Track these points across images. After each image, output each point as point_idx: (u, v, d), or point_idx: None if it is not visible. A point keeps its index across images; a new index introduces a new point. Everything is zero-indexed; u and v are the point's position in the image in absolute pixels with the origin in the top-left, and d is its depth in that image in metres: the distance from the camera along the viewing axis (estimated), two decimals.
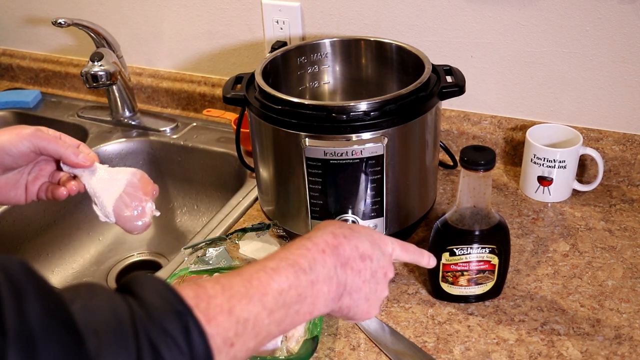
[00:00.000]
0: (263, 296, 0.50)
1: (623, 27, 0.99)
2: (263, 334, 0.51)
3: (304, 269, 0.55)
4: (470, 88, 1.11)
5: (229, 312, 0.48)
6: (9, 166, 0.73)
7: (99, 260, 1.29)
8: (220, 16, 1.30)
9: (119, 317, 0.41)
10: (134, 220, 0.75)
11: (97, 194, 0.75)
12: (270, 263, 0.54)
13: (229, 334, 0.47)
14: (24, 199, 0.77)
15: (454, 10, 1.09)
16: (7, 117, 1.51)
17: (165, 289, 0.45)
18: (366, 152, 0.84)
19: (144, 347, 0.41)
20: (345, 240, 0.60)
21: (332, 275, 0.57)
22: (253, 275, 0.52)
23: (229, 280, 0.50)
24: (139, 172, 0.78)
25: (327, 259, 0.57)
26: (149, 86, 1.45)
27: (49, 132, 0.74)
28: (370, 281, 0.61)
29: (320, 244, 0.58)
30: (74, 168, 0.75)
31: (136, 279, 0.46)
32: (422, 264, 0.70)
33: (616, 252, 0.94)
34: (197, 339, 0.44)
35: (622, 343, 0.79)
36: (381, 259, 0.63)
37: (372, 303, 0.62)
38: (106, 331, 0.40)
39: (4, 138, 0.71)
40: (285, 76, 1.04)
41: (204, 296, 0.47)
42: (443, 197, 1.09)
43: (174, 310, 0.44)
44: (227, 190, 1.26)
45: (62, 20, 1.22)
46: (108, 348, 0.39)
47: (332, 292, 0.57)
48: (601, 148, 1.07)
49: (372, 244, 0.62)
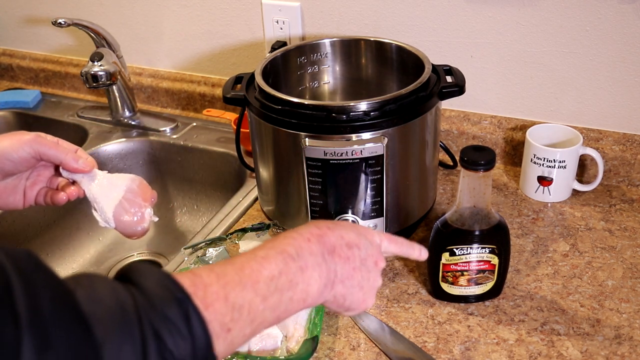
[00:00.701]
0: (255, 283, 0.52)
1: (623, 27, 0.99)
2: (259, 319, 0.52)
3: (292, 255, 0.56)
4: (470, 88, 1.11)
5: (225, 298, 0.49)
6: (9, 172, 0.74)
7: (99, 260, 1.29)
8: (220, 16, 1.30)
9: (123, 305, 0.42)
10: (133, 226, 0.77)
11: (96, 199, 0.76)
12: (260, 252, 0.56)
13: (226, 320, 0.48)
14: (22, 204, 0.78)
15: (454, 10, 1.09)
16: (7, 117, 1.51)
17: (164, 278, 0.47)
18: (366, 152, 0.84)
19: (148, 334, 0.42)
20: (329, 230, 0.61)
21: (320, 262, 0.58)
22: (244, 263, 0.53)
23: (222, 269, 0.52)
24: (137, 178, 0.79)
25: (313, 246, 0.58)
26: (149, 86, 1.45)
27: (48, 138, 0.75)
28: (360, 268, 0.62)
29: (305, 234, 0.59)
30: (73, 173, 0.76)
31: (135, 269, 0.48)
32: (414, 256, 0.70)
33: (616, 252, 0.94)
34: (196, 324, 0.45)
35: (622, 343, 0.79)
36: (369, 247, 0.63)
37: (367, 291, 0.63)
38: (111, 319, 0.41)
39: (4, 144, 0.72)
40: (285, 76, 1.04)
41: (201, 284, 0.49)
42: (443, 197, 1.09)
43: (174, 297, 0.45)
44: (227, 190, 1.26)
45: (62, 20, 1.22)
46: (114, 335, 0.40)
47: (323, 277, 0.58)
48: (601, 148, 1.07)
49: (358, 234, 0.63)
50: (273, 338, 0.79)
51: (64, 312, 0.39)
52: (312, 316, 0.82)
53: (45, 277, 0.41)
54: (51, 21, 1.23)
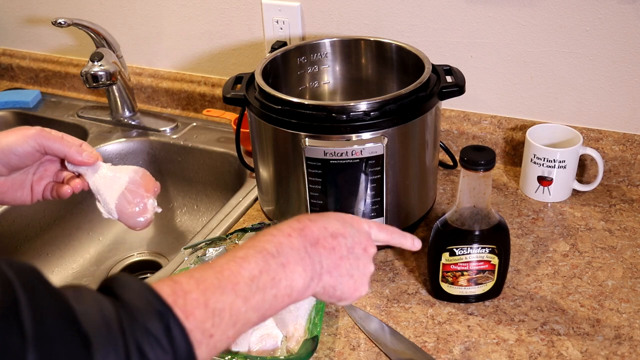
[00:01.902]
0: (235, 285, 0.52)
1: (623, 27, 0.99)
2: (242, 321, 0.52)
3: (271, 253, 0.56)
4: (470, 88, 1.11)
5: (205, 305, 0.49)
6: (15, 166, 0.75)
7: (98, 260, 1.29)
8: (220, 16, 1.30)
9: (107, 319, 0.43)
10: (136, 217, 0.77)
11: (100, 191, 0.77)
12: (239, 253, 0.55)
13: (207, 326, 0.48)
14: (30, 199, 0.79)
15: (454, 10, 1.09)
16: (7, 117, 1.51)
17: (145, 290, 0.47)
18: (366, 152, 0.85)
19: (132, 347, 0.42)
20: (311, 222, 0.61)
21: (303, 255, 0.57)
22: (224, 266, 0.53)
23: (201, 274, 0.52)
24: (141, 169, 0.80)
25: (294, 241, 0.58)
26: (149, 86, 1.45)
27: (52, 132, 0.76)
28: (348, 257, 0.61)
29: (286, 229, 0.59)
30: (78, 167, 0.77)
31: (116, 281, 0.48)
32: (406, 246, 0.69)
33: (616, 252, 0.94)
34: (178, 336, 0.45)
35: (622, 343, 0.79)
36: (356, 235, 0.63)
37: (358, 279, 0.62)
38: (98, 331, 0.42)
39: (10, 139, 0.73)
40: (285, 76, 1.04)
41: (181, 292, 0.49)
42: (443, 197, 1.09)
43: (155, 310, 0.45)
44: (227, 190, 1.26)
45: (62, 20, 1.22)
46: (100, 348, 0.41)
47: (308, 271, 0.57)
48: (601, 148, 1.07)
49: (343, 223, 0.63)
50: (273, 338, 0.79)
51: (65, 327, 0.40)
52: (312, 316, 0.82)
53: (47, 291, 0.42)
54: (51, 21, 1.24)
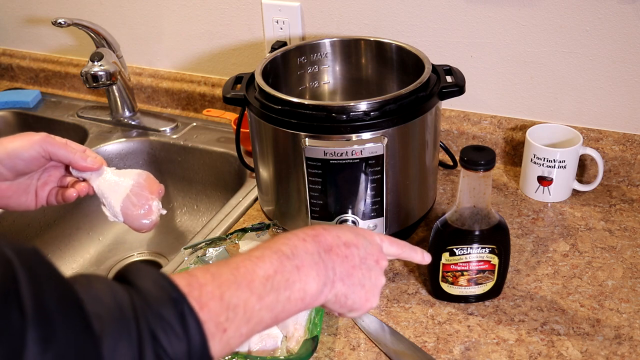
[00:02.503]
0: (250, 282, 0.52)
1: (623, 27, 0.99)
2: (255, 319, 0.52)
3: (287, 255, 0.56)
4: (470, 88, 1.11)
5: (220, 298, 0.49)
6: (21, 171, 0.76)
7: (99, 260, 1.29)
8: (220, 16, 1.30)
9: (120, 304, 0.43)
10: (141, 219, 0.78)
11: (105, 195, 0.78)
12: (255, 252, 0.56)
13: (221, 319, 0.49)
14: (34, 204, 0.80)
15: (454, 10, 1.09)
16: (7, 117, 1.51)
17: (160, 278, 0.47)
18: (366, 152, 0.84)
19: (145, 333, 0.43)
20: (325, 231, 0.61)
21: (317, 260, 0.58)
22: (239, 263, 0.54)
23: (217, 269, 0.52)
24: (144, 172, 0.81)
25: (309, 245, 0.58)
26: (149, 86, 1.45)
27: (57, 139, 0.77)
28: (360, 267, 0.61)
29: (300, 234, 0.60)
30: (82, 172, 0.78)
31: (132, 269, 0.48)
32: (416, 260, 0.70)
33: (616, 252, 0.94)
34: (192, 324, 0.45)
35: (622, 343, 0.79)
36: (368, 247, 0.63)
37: (370, 290, 0.62)
38: (109, 316, 0.42)
39: (15, 144, 0.75)
40: (285, 76, 1.04)
41: (196, 284, 0.49)
42: (443, 197, 1.09)
43: (169, 297, 0.46)
44: (227, 190, 1.26)
45: (62, 20, 1.22)
46: (111, 332, 0.41)
47: (321, 276, 0.57)
48: (601, 148, 1.07)
49: (356, 235, 0.63)
50: (273, 338, 0.79)
51: (67, 307, 0.40)
52: (312, 316, 0.82)
53: (50, 273, 0.42)
54: (51, 21, 1.24)
